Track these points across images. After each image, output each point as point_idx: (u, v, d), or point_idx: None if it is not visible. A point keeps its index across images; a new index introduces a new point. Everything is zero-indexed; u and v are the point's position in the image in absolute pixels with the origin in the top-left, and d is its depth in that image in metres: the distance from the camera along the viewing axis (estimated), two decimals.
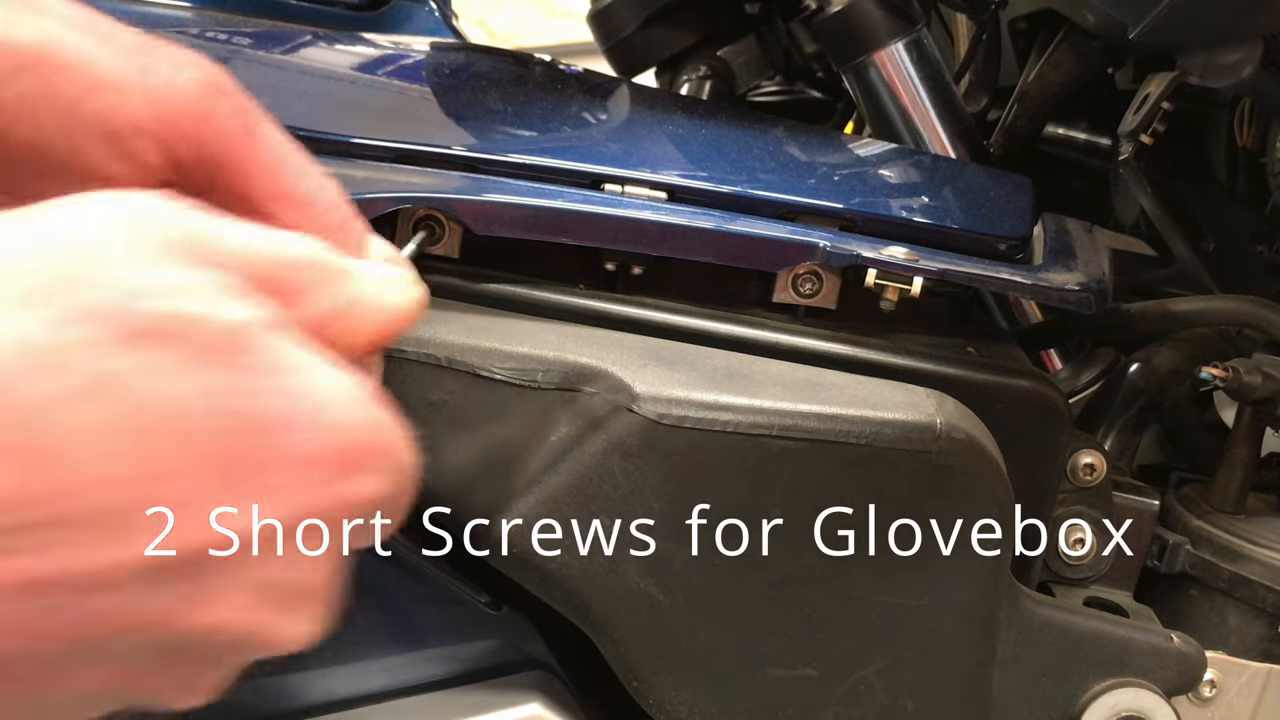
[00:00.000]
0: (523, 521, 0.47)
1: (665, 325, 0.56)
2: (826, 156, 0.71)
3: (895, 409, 0.51)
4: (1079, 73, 0.79)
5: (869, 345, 0.57)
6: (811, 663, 0.52)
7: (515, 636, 0.55)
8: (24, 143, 0.35)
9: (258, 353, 0.29)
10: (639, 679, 0.50)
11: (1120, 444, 0.71)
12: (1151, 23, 0.64)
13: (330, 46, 0.74)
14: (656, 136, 0.67)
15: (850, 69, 0.81)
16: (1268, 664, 0.63)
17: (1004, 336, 0.65)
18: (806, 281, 0.58)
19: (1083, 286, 0.59)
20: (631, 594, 0.49)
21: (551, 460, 0.48)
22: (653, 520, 0.48)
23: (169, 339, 0.28)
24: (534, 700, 0.52)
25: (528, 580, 0.49)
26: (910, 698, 0.53)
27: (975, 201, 0.67)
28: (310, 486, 0.30)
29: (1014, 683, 0.56)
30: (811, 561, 0.51)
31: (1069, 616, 0.57)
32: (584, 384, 0.49)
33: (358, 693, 0.53)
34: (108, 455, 0.27)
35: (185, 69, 0.37)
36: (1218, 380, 0.66)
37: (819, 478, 0.50)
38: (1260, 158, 0.79)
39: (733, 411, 0.49)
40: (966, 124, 0.82)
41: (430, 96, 0.66)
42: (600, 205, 0.56)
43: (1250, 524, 0.66)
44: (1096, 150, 0.91)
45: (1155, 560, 0.65)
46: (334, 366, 0.31)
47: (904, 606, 0.52)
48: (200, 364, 0.28)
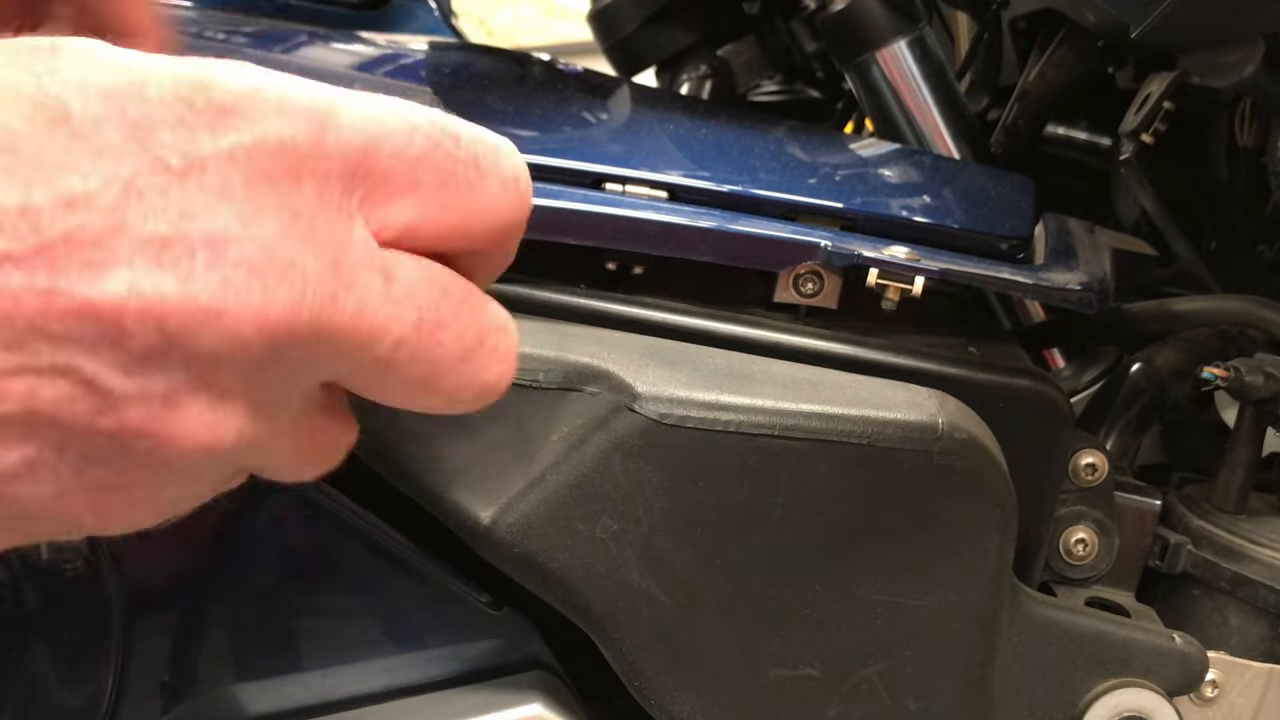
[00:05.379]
0: (524, 521, 0.47)
1: (666, 325, 0.56)
2: (827, 156, 0.71)
3: (897, 409, 0.51)
4: (1080, 72, 0.78)
5: (870, 345, 0.57)
6: (813, 662, 0.52)
7: (516, 636, 0.55)
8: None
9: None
10: (640, 679, 0.50)
11: (1122, 444, 0.70)
12: (1153, 22, 0.64)
13: (330, 45, 0.74)
14: (657, 136, 0.67)
15: (853, 67, 0.81)
16: (1270, 664, 0.63)
17: (1005, 336, 0.65)
18: (808, 281, 0.58)
19: (1084, 286, 0.59)
20: (633, 594, 0.49)
21: (553, 460, 0.48)
22: (654, 520, 0.48)
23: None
24: (535, 700, 0.52)
25: (528, 580, 0.49)
26: (912, 697, 0.53)
27: (977, 201, 0.67)
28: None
29: (1016, 683, 0.56)
30: (813, 561, 0.51)
31: (1071, 616, 0.57)
32: (585, 384, 0.49)
33: (358, 693, 0.53)
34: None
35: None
36: (1219, 380, 0.66)
37: (820, 477, 0.50)
38: (1261, 157, 0.79)
39: (734, 411, 0.49)
40: (969, 123, 0.82)
41: (430, 96, 0.66)
42: (601, 205, 0.56)
43: (1252, 524, 0.66)
44: (1097, 150, 0.91)
45: (1157, 560, 0.65)
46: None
47: (906, 606, 0.52)
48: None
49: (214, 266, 0.29)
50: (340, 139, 0.31)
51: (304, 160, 0.31)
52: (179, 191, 0.29)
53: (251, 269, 0.29)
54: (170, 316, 0.29)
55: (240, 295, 0.29)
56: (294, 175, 0.30)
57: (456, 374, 0.34)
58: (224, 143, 0.30)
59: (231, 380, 0.31)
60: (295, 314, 0.30)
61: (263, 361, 0.30)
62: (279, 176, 0.30)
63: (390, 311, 0.32)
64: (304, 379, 0.33)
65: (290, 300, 0.30)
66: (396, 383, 0.33)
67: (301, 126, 0.31)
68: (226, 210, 0.29)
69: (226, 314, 0.29)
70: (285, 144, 0.30)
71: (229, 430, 0.31)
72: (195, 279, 0.29)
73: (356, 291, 0.31)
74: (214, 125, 0.30)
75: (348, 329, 0.31)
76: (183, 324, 0.29)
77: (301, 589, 0.54)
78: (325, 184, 0.31)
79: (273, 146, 0.30)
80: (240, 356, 0.30)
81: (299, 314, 0.30)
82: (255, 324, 0.29)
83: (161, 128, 0.29)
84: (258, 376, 0.31)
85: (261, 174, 0.30)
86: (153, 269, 0.28)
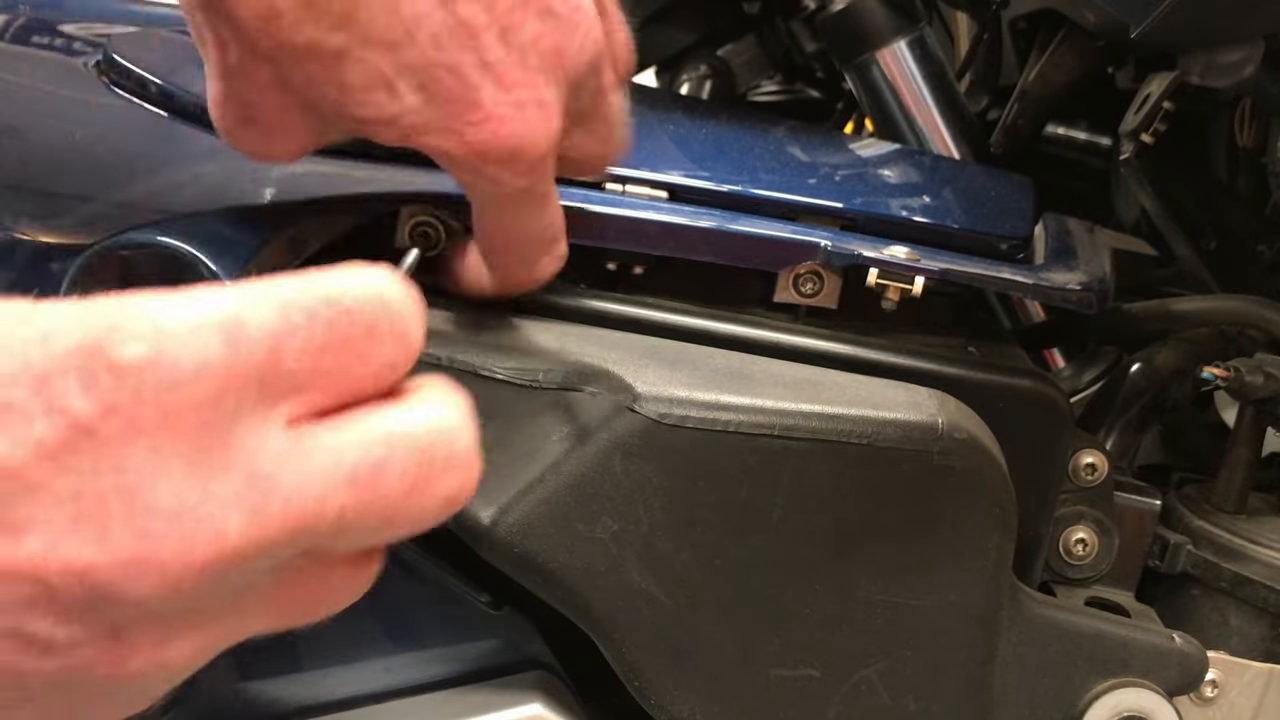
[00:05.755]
0: (524, 521, 0.47)
1: (666, 325, 0.56)
2: (827, 156, 0.71)
3: (897, 409, 0.51)
4: (1080, 72, 0.78)
5: (870, 345, 0.57)
6: (813, 662, 0.52)
7: (516, 636, 0.55)
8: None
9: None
10: (640, 679, 0.50)
11: (1122, 444, 0.70)
12: (1153, 22, 0.64)
13: None
14: (657, 136, 0.67)
15: (853, 67, 0.81)
16: (1269, 664, 0.63)
17: (1005, 336, 0.65)
18: (808, 281, 0.58)
19: (1084, 286, 0.59)
20: (633, 594, 0.49)
21: (553, 460, 0.48)
22: (654, 520, 0.48)
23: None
24: (535, 700, 0.52)
25: (528, 580, 0.48)
26: (912, 697, 0.53)
27: (976, 201, 0.67)
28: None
29: (1015, 683, 0.56)
30: (813, 561, 0.51)
31: (1070, 616, 0.57)
32: (585, 384, 0.49)
33: (358, 693, 0.53)
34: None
35: None
36: (1219, 380, 0.66)
37: (820, 477, 0.50)
38: (1261, 157, 0.79)
39: (734, 411, 0.49)
40: (969, 123, 0.82)
41: None
42: (601, 204, 0.56)
43: (1252, 524, 0.66)
44: (1097, 150, 0.91)
45: (1157, 560, 0.65)
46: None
47: (906, 606, 0.52)
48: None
49: (130, 519, 0.28)
50: (249, 352, 0.30)
51: (215, 383, 0.30)
52: (90, 445, 0.28)
53: (168, 514, 0.29)
54: (93, 573, 0.28)
55: (160, 543, 0.29)
56: (209, 400, 0.30)
57: (411, 505, 0.33)
58: (132, 388, 0.29)
59: (176, 608, 0.30)
60: (220, 542, 0.29)
61: (203, 587, 0.30)
62: (190, 407, 0.29)
63: (320, 488, 0.31)
64: (259, 576, 0.32)
65: (213, 532, 0.29)
66: (359, 537, 0.33)
67: (212, 351, 0.30)
68: (138, 457, 0.29)
69: (148, 563, 0.29)
70: (199, 372, 0.30)
71: (186, 648, 0.31)
72: (112, 534, 0.28)
73: (281, 490, 0.30)
74: (120, 370, 0.29)
75: (280, 526, 0.30)
76: (108, 579, 0.28)
77: None
78: (238, 400, 0.30)
79: (185, 377, 0.29)
80: (176, 593, 0.30)
81: (224, 541, 0.30)
82: (182, 566, 0.29)
83: (69, 380, 0.28)
84: (204, 598, 0.31)
85: (174, 413, 0.29)
86: (69, 528, 0.28)
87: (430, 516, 0.34)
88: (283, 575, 0.33)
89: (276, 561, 0.32)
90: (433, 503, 0.34)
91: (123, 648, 0.30)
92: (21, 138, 0.54)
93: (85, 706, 0.31)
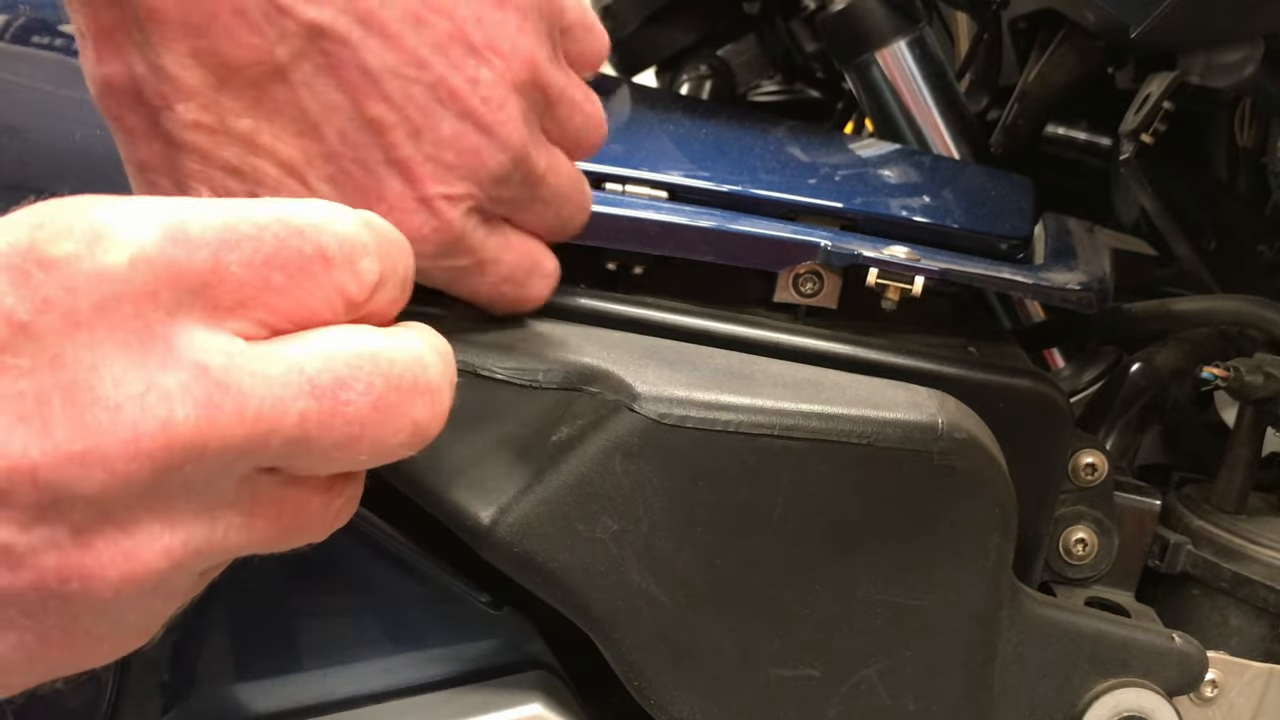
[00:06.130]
0: (524, 521, 0.47)
1: (666, 325, 0.56)
2: (827, 156, 0.71)
3: (897, 409, 0.51)
4: (1080, 72, 0.78)
5: (870, 345, 0.57)
6: (813, 662, 0.52)
7: (516, 636, 0.55)
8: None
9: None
10: (640, 679, 0.50)
11: (1122, 444, 0.70)
12: (1153, 22, 0.64)
13: None
14: (657, 136, 0.67)
15: (853, 67, 0.81)
16: (1270, 664, 0.63)
17: (1005, 336, 0.65)
18: (808, 281, 0.58)
19: (1084, 286, 0.59)
20: (632, 594, 0.49)
21: (553, 460, 0.48)
22: (654, 520, 0.48)
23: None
24: (535, 700, 0.52)
25: (528, 580, 0.48)
26: (912, 697, 0.53)
27: (976, 201, 0.67)
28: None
29: (1015, 683, 0.56)
30: (813, 561, 0.51)
31: (1070, 616, 0.57)
32: (585, 384, 0.49)
33: (358, 693, 0.53)
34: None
35: None
36: (1219, 380, 0.66)
37: (820, 477, 0.50)
38: (1261, 157, 0.79)
39: (734, 411, 0.49)
40: (969, 123, 0.82)
41: None
42: (601, 204, 0.56)
43: (1252, 524, 0.66)
44: (1097, 150, 0.91)
45: (1156, 560, 0.65)
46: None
47: (906, 606, 0.52)
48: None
49: (72, 413, 0.29)
50: (188, 253, 0.31)
51: (157, 278, 0.30)
52: (26, 342, 0.28)
53: (110, 406, 0.29)
54: (40, 470, 0.28)
55: (103, 433, 0.29)
56: (148, 296, 0.30)
57: (377, 426, 0.33)
58: (65, 282, 0.29)
59: (134, 507, 0.30)
60: (168, 433, 0.30)
61: (157, 483, 0.30)
62: (130, 300, 0.30)
63: (278, 393, 0.31)
64: (219, 480, 0.32)
65: (158, 421, 0.29)
66: (324, 454, 0.33)
67: (149, 246, 0.30)
68: (77, 351, 0.29)
69: (93, 455, 0.29)
70: (134, 263, 0.30)
71: (153, 552, 0.31)
72: (55, 430, 0.28)
73: (232, 391, 0.30)
74: (52, 264, 0.29)
75: (234, 426, 0.31)
76: (55, 475, 0.28)
77: (301, 589, 0.54)
78: (176, 299, 0.30)
79: (123, 272, 0.30)
80: (129, 487, 0.30)
81: (172, 432, 0.30)
82: (127, 456, 0.29)
83: (3, 280, 0.29)
84: (160, 497, 0.31)
85: (111, 304, 0.29)
86: (15, 426, 0.28)
87: (398, 443, 0.34)
88: (254, 491, 0.33)
89: (242, 472, 0.32)
90: (399, 427, 0.33)
91: (88, 554, 0.30)
92: (21, 138, 0.54)
93: (75, 636, 0.31)
